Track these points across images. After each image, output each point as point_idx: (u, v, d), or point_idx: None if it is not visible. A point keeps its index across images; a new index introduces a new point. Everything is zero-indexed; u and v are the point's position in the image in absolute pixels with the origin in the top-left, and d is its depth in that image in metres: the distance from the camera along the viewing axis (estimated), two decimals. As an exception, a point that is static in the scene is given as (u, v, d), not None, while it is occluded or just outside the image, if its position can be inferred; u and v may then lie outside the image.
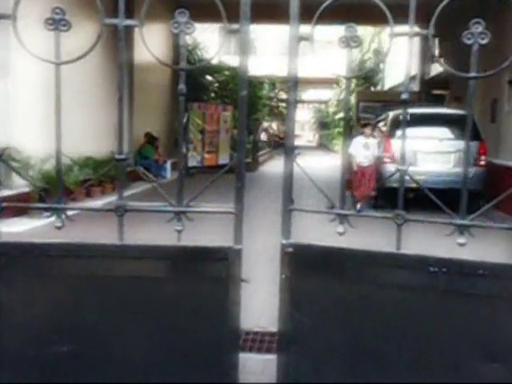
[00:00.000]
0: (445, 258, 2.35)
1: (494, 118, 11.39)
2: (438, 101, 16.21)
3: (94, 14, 2.50)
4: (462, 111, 10.08)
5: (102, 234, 2.70)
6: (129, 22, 2.46)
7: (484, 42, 2.21)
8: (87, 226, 4.05)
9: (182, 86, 2.51)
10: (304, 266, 2.49)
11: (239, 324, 2.52)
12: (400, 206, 2.48)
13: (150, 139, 14.27)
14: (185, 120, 15.51)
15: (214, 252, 2.50)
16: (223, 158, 16.77)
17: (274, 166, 21.90)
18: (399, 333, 2.41)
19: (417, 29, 2.40)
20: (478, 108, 12.43)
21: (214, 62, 21.46)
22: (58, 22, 2.38)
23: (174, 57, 16.87)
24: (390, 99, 15.43)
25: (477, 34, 2.22)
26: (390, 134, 9.80)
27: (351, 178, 9.16)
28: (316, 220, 3.01)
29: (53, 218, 2.59)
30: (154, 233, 2.74)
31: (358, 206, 8.87)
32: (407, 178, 2.45)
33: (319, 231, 3.32)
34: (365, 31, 25.30)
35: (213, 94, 19.99)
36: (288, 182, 2.56)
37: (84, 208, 3.05)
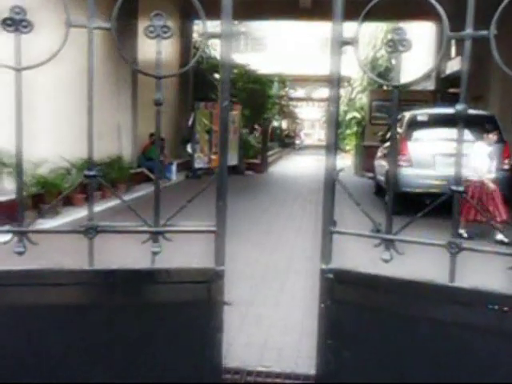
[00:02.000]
0: (507, 294, 2.03)
1: (517, 119, 10.79)
2: (455, 100, 15.57)
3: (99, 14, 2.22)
4: (483, 111, 9.51)
5: (72, 254, 2.48)
6: (99, 23, 2.21)
7: None
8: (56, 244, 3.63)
9: (158, 96, 2.28)
10: (346, 294, 2.32)
11: (221, 352, 2.34)
12: (455, 233, 2.17)
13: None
14: (191, 120, 15.07)
15: (194, 274, 2.33)
16: (231, 159, 16.23)
17: (283, 167, 21.45)
18: (451, 374, 2.15)
19: (470, 30, 2.06)
20: (497, 107, 11.85)
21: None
22: (18, 23, 2.14)
23: (181, 55, 16.44)
24: (403, 98, 14.78)
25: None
26: (407, 136, 9.24)
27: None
28: (355, 244, 2.69)
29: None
30: (131, 251, 2.48)
31: (462, 231, 6.84)
32: (425, 182, 2.19)
33: (360, 256, 3.03)
34: (377, 27, 24.72)
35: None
36: (329, 202, 2.36)
37: (49, 231, 2.73)
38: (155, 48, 2.23)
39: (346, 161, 19.82)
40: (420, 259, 3.75)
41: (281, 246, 6.93)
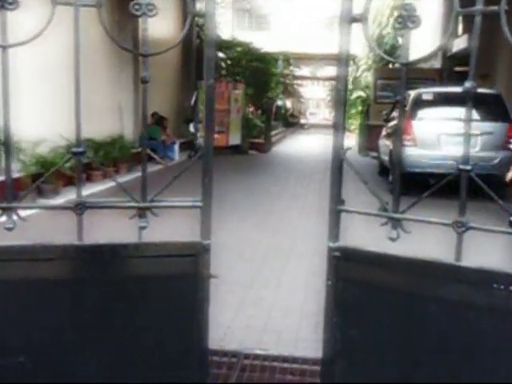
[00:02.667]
0: None
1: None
2: (461, 78, 15.33)
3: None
4: (490, 90, 9.35)
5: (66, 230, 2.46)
6: (86, 2, 2.20)
7: None
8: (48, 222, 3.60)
9: (144, 74, 2.27)
10: (352, 272, 2.34)
11: (208, 322, 2.44)
12: (462, 211, 2.12)
13: (158, 119, 13.67)
14: (194, 99, 14.91)
15: (181, 248, 2.39)
16: (234, 139, 16.15)
17: (287, 146, 21.32)
18: (457, 353, 2.18)
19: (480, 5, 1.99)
20: (504, 85, 11.66)
21: (227, 37, 20.77)
22: (3, 1, 2.13)
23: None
24: (409, 76, 14.64)
25: None
26: (411, 115, 9.09)
27: None
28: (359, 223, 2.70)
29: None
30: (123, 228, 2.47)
31: None
32: (430, 162, 2.16)
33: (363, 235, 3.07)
34: (383, 4, 24.35)
35: (224, 72, 19.28)
36: (336, 179, 2.34)
37: (39, 206, 2.74)
38: (155, 26, 2.25)
39: (350, 140, 19.69)
40: (427, 238, 3.68)
41: (283, 226, 6.86)
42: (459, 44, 16.21)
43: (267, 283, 4.53)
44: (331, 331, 2.38)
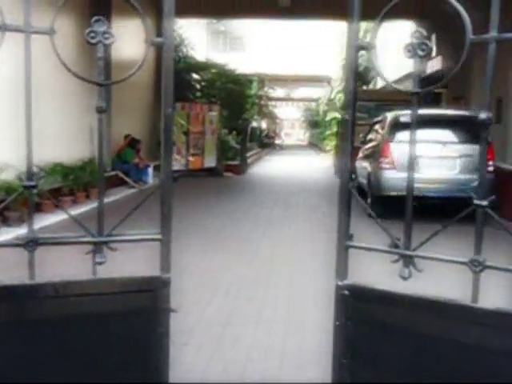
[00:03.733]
0: None
1: (500, 119, 10.60)
2: (435, 100, 15.44)
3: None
4: (467, 112, 9.30)
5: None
6: (37, 29, 2.07)
7: None
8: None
9: (100, 104, 2.17)
10: (362, 312, 2.24)
11: (168, 358, 2.32)
12: (478, 249, 2.00)
13: (132, 142, 13.37)
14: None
15: (140, 283, 2.30)
16: (209, 161, 15.92)
17: (263, 168, 21.16)
18: None
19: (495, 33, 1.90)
20: (479, 107, 11.68)
21: (201, 59, 20.68)
22: None
23: (158, 55, 16.04)
24: (383, 98, 14.79)
25: None
26: (389, 137, 8.98)
27: None
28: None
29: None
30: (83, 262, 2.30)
31: None
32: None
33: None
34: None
35: (199, 93, 19.12)
36: (344, 213, 2.27)
37: None
38: (134, 49, 2.07)
39: (326, 161, 19.64)
40: (439, 274, 3.46)
41: (260, 254, 6.60)
42: (433, 66, 16.34)
43: (245, 319, 4.24)
44: (340, 373, 2.25)
